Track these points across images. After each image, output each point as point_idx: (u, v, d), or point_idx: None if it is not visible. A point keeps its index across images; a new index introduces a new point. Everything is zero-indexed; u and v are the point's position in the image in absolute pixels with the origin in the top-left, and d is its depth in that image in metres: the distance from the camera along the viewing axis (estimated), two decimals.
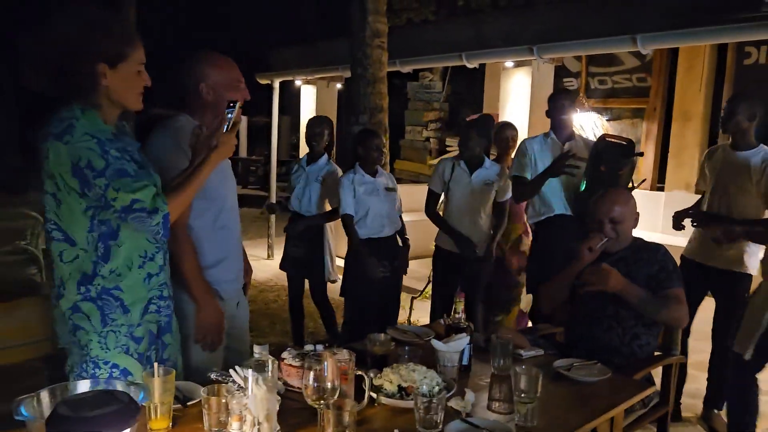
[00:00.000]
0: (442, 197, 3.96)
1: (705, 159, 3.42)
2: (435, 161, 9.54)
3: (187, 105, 2.05)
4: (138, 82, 1.72)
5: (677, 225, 3.40)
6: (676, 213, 3.44)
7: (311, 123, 4.11)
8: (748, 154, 3.16)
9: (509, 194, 3.74)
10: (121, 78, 1.67)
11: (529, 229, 3.96)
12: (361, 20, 4.36)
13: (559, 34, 4.74)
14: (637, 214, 2.59)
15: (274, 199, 7.69)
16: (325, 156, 4.03)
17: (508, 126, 4.28)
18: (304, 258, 4.00)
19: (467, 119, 8.29)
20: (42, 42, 1.61)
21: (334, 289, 4.06)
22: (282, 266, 4.26)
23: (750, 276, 3.18)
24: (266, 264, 7.18)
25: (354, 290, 3.74)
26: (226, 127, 1.77)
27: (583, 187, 3.32)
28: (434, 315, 3.97)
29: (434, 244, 3.94)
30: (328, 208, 4.04)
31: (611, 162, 3.21)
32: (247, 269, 2.38)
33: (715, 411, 3.31)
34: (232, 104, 1.83)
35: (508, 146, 4.11)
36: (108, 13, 1.68)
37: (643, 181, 3.90)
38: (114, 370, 1.73)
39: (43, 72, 1.62)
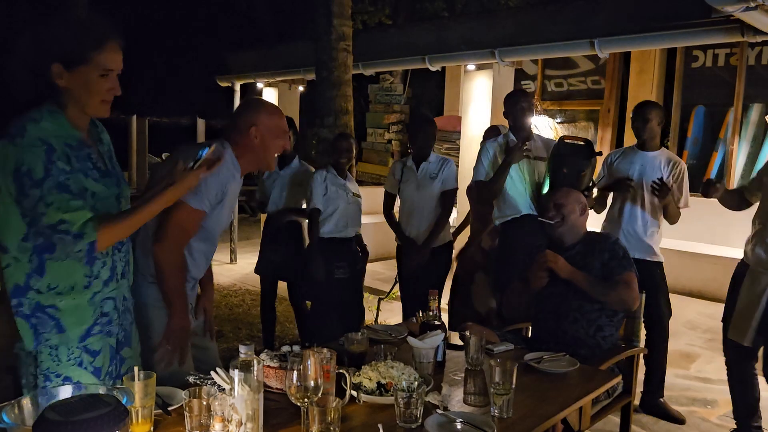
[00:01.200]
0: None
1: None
2: None
3: (231, 138, 2.11)
4: (100, 88, 1.62)
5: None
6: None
7: None
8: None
9: (454, 185, 3.81)
10: (81, 81, 1.59)
11: None
12: (326, 24, 4.38)
13: (521, 38, 4.87)
14: (585, 206, 2.74)
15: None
16: (296, 157, 4.04)
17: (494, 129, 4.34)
18: (282, 261, 3.99)
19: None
20: (19, 45, 1.58)
21: None
22: (258, 269, 4.20)
23: (660, 263, 3.42)
24: (229, 269, 7.11)
25: (312, 291, 3.80)
26: (192, 164, 1.74)
27: (545, 189, 3.37)
28: (406, 312, 4.01)
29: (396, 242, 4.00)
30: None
31: (572, 164, 3.29)
32: (209, 276, 2.35)
33: (661, 400, 3.42)
34: (208, 144, 1.83)
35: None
36: (73, 16, 1.64)
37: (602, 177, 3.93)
38: (66, 383, 1.63)
39: (20, 74, 1.59)
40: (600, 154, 3.36)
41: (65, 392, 1.33)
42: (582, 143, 3.37)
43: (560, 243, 2.68)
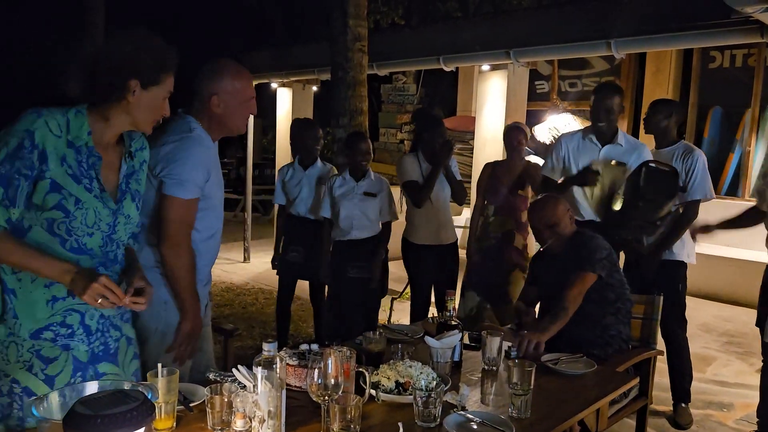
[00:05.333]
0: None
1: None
2: None
3: (193, 108, 2.03)
4: (160, 109, 1.68)
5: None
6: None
7: (305, 126, 4.12)
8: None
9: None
10: (148, 100, 1.64)
11: (529, 230, 4.05)
12: (342, 24, 4.40)
13: (536, 39, 4.86)
14: (570, 211, 2.77)
15: (249, 202, 7.66)
16: (318, 158, 4.07)
17: (515, 127, 4.36)
18: (304, 261, 4.01)
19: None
20: (87, 53, 1.60)
21: None
22: (278, 269, 4.23)
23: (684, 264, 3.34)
24: (242, 267, 7.14)
25: (333, 291, 3.85)
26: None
27: (616, 206, 3.18)
28: (414, 310, 4.02)
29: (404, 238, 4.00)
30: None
31: (654, 194, 3.03)
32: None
33: (682, 405, 3.37)
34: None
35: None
36: (154, 37, 1.65)
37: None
38: (14, 386, 1.58)
39: (78, 78, 1.60)
40: (684, 189, 3.19)
41: (92, 388, 1.35)
42: (667, 169, 3.09)
43: (550, 252, 2.73)
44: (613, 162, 3.26)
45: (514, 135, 4.08)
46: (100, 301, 1.51)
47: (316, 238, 3.95)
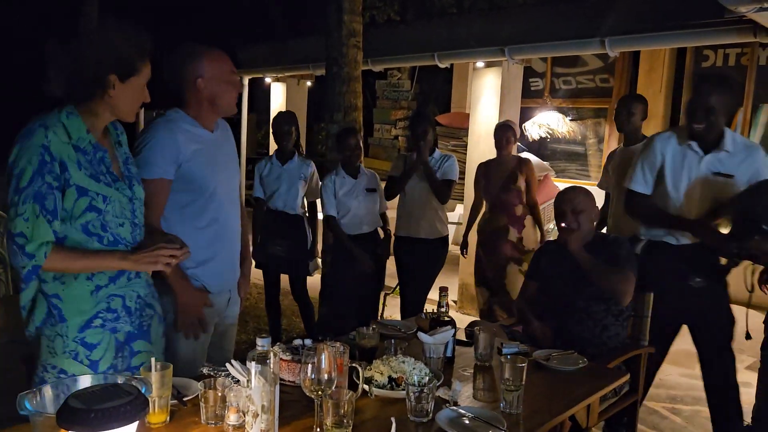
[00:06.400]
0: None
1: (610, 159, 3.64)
2: None
3: (182, 100, 2.05)
4: (141, 97, 1.72)
5: None
6: None
7: (280, 120, 4.10)
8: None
9: (452, 176, 3.85)
10: (129, 91, 1.67)
11: (524, 223, 4.11)
12: (337, 20, 4.39)
13: (531, 36, 4.86)
14: (597, 210, 2.76)
15: (243, 197, 7.64)
16: (296, 153, 4.08)
17: (504, 126, 4.38)
18: (285, 255, 4.02)
19: (435, 118, 8.36)
20: (68, 49, 1.61)
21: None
22: (258, 263, 4.20)
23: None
24: None
25: (335, 287, 3.85)
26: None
27: (723, 230, 2.69)
28: (403, 305, 4.06)
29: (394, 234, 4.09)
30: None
31: None
32: (243, 281, 2.32)
33: None
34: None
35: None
36: (128, 26, 1.66)
37: None
38: (62, 375, 1.65)
39: (61, 76, 1.62)
40: None
41: (85, 381, 1.35)
42: None
43: (561, 246, 2.68)
44: (716, 174, 2.67)
45: (503, 133, 4.16)
46: (168, 261, 1.67)
47: (293, 231, 3.99)
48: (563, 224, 2.65)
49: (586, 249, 2.64)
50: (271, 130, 4.24)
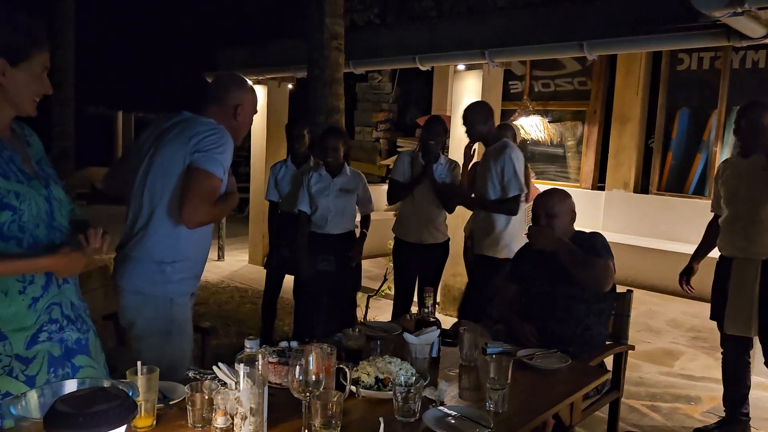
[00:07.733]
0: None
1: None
2: (386, 161, 9.65)
3: (203, 109, 2.18)
4: (37, 87, 1.60)
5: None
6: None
7: (290, 126, 4.22)
8: None
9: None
10: (21, 79, 1.57)
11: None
12: (318, 22, 4.39)
13: (511, 40, 4.92)
14: (574, 212, 2.80)
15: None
16: (311, 156, 4.11)
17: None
18: (291, 256, 4.03)
19: (416, 120, 8.40)
20: None
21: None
22: (267, 264, 4.32)
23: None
24: (217, 266, 7.09)
25: (304, 286, 3.87)
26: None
27: None
28: (398, 307, 4.06)
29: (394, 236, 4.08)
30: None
31: None
32: None
33: None
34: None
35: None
36: (16, 11, 1.58)
37: None
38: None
39: None
40: None
41: (71, 386, 1.34)
42: None
43: (538, 249, 2.71)
44: None
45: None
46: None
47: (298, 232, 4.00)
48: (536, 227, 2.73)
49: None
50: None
